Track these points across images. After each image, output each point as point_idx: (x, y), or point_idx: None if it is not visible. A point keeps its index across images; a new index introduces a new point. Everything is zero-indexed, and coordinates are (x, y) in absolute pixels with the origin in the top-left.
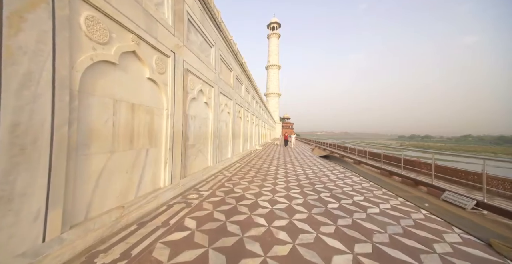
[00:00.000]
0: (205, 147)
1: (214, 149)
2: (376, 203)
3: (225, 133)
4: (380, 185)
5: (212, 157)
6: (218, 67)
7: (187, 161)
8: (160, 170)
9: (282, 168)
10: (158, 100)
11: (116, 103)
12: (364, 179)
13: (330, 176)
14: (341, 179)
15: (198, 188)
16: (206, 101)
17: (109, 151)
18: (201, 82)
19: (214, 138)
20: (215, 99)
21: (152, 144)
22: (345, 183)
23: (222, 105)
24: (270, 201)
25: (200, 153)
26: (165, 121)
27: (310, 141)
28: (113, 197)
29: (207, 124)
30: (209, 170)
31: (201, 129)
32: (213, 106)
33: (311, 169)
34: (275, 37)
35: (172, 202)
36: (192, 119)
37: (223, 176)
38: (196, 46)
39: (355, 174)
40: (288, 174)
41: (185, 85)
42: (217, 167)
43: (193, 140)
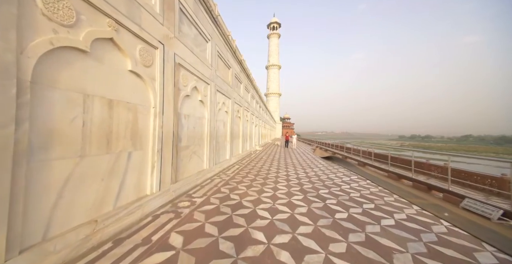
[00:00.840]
0: (201, 148)
1: (210, 150)
2: (390, 213)
3: (223, 134)
4: (390, 190)
5: (208, 159)
6: (215, 64)
7: (179, 164)
8: (146, 175)
9: (283, 170)
10: (144, 96)
11: (87, 98)
12: (371, 183)
13: (334, 180)
14: (346, 183)
15: (191, 194)
16: (201, 99)
17: (78, 156)
18: (195, 78)
19: (210, 139)
20: (211, 97)
21: (136, 146)
22: (351, 188)
23: (220, 104)
24: (270, 210)
25: (194, 155)
26: (152, 120)
27: (311, 141)
28: (83, 209)
29: (203, 124)
30: (204, 174)
31: (195, 130)
32: (210, 105)
33: (313, 172)
34: (275, 37)
35: (159, 212)
36: (185, 118)
37: (219, 180)
38: (190, 39)
39: (361, 177)
40: (289, 177)
41: (176, 81)
42: (214, 170)
43: (186, 141)
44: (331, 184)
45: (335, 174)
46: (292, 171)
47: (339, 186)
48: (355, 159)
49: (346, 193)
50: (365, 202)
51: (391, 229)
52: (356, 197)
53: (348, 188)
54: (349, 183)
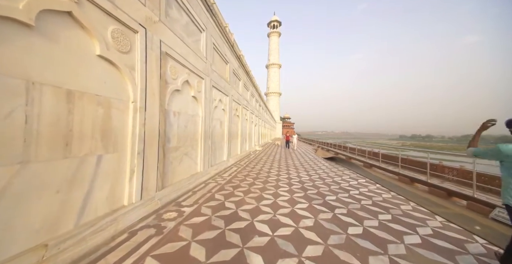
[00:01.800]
0: (194, 149)
1: (205, 151)
2: (411, 226)
3: (220, 133)
4: (404, 196)
5: (202, 161)
6: (211, 57)
7: (167, 168)
8: (123, 182)
9: (284, 172)
10: (120, 88)
11: (32, 87)
12: (382, 187)
13: (341, 184)
14: (354, 187)
15: (181, 202)
16: (194, 95)
17: (17, 162)
18: (187, 71)
19: (205, 138)
20: (206, 93)
21: (108, 148)
22: (361, 194)
23: (216, 101)
24: (271, 223)
25: (186, 157)
26: (131, 117)
27: (312, 141)
28: (28, 232)
29: (196, 122)
30: (198, 177)
31: (187, 128)
32: (204, 102)
33: (317, 174)
34: (275, 36)
35: (138, 226)
36: (175, 115)
37: (214, 184)
38: (180, 27)
39: (370, 181)
40: (291, 181)
41: (163, 72)
42: (209, 173)
43: (176, 141)
44: (337, 189)
45: (341, 177)
46: (294, 173)
47: (347, 192)
48: (361, 160)
49: (356, 200)
50: (380, 211)
51: (418, 250)
52: (368, 205)
53: (357, 193)
54: (357, 187)
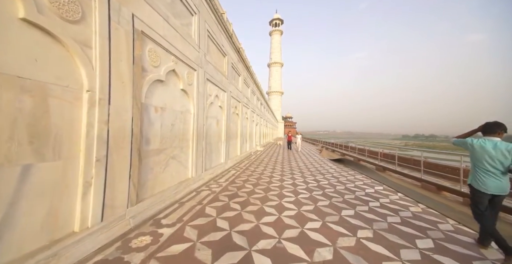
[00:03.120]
0: (183, 152)
1: (198, 154)
2: (466, 259)
3: (216, 133)
4: (437, 209)
5: (194, 165)
6: (204, 46)
7: (145, 175)
8: (72, 200)
9: (288, 177)
10: (65, 71)
11: None
12: (405, 197)
13: (356, 192)
14: (373, 197)
15: (161, 220)
16: (184, 88)
17: None
18: (173, 59)
19: (198, 139)
20: (199, 87)
21: (44, 154)
22: (383, 206)
23: (212, 96)
24: (275, 256)
25: (173, 161)
26: (85, 112)
27: (315, 141)
28: None
29: (187, 120)
30: (188, 184)
31: (175, 127)
32: (197, 97)
33: (326, 179)
34: (277, 34)
35: (91, 262)
36: (157, 111)
37: (207, 193)
38: (163, 3)
39: (389, 188)
40: (297, 188)
41: (138, 56)
42: (203, 178)
43: (159, 142)
44: (353, 200)
45: (354, 183)
46: (299, 178)
47: (365, 203)
48: (372, 162)
49: (381, 216)
50: (416, 235)
51: None
52: (397, 225)
53: (379, 206)
54: (376, 197)
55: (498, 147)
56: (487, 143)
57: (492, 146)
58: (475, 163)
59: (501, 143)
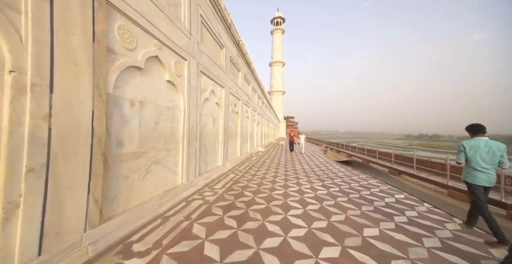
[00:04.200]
0: (171, 154)
1: (190, 156)
2: None
3: (213, 133)
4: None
5: (185, 169)
6: (197, 33)
7: (115, 186)
8: None
9: (293, 182)
10: None
11: None
12: (434, 208)
13: (374, 202)
14: (396, 209)
15: (132, 245)
16: (171, 79)
17: None
18: (155, 42)
19: (190, 139)
20: (191, 79)
21: None
22: (412, 223)
23: (207, 92)
24: None
25: (157, 166)
26: (6, 101)
27: (318, 141)
28: None
29: (176, 117)
30: (177, 193)
31: (159, 126)
32: (188, 91)
33: (335, 185)
34: (279, 33)
35: None
36: (133, 106)
37: (199, 203)
38: None
39: (411, 197)
40: (304, 196)
41: (99, 31)
42: (196, 184)
43: (137, 144)
44: (373, 213)
45: (369, 189)
46: (306, 184)
47: (389, 217)
48: (384, 165)
49: (413, 236)
50: None
51: None
52: (438, 250)
53: (406, 222)
54: (400, 209)
55: (489, 145)
56: (480, 142)
57: (484, 144)
58: (468, 162)
59: (490, 142)
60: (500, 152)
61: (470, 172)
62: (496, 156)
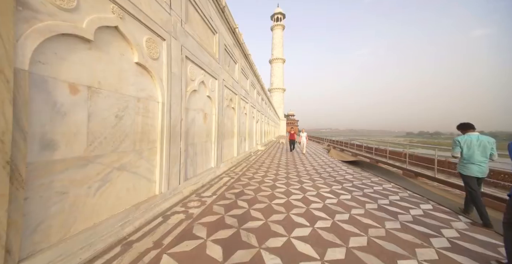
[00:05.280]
0: (145, 157)
1: (172, 159)
2: None
3: (203, 130)
4: None
5: (165, 175)
6: (180, 9)
7: (43, 208)
8: None
9: (296, 187)
10: None
11: None
12: (475, 225)
13: (398, 215)
14: (429, 226)
15: None
16: (141, 62)
17: None
18: (113, 8)
19: (172, 138)
20: (172, 65)
21: None
22: (455, 247)
23: (195, 82)
24: None
25: (122, 174)
26: None
27: (319, 139)
28: None
29: (151, 111)
30: (153, 205)
31: (124, 122)
32: (168, 78)
33: (346, 192)
34: (279, 29)
35: None
36: (76, 92)
37: (179, 219)
38: None
39: (443, 208)
40: (311, 207)
41: None
42: (181, 192)
43: (84, 146)
44: (401, 232)
45: (386, 197)
46: (311, 190)
47: (423, 238)
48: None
49: None
50: None
51: None
52: None
53: (448, 247)
54: (434, 226)
55: (480, 139)
56: (472, 137)
57: (476, 139)
58: (463, 156)
59: (481, 136)
60: (490, 146)
61: (464, 164)
62: (487, 149)
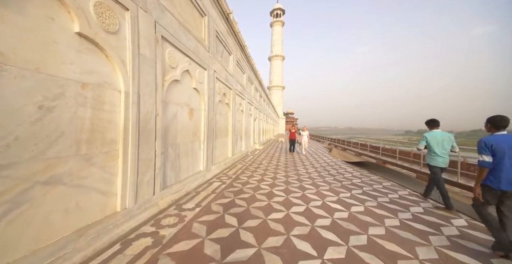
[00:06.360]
0: (97, 164)
1: (140, 164)
2: None
3: (190, 128)
4: None
5: (131, 185)
6: None
7: None
8: None
9: (298, 195)
10: None
11: None
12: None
13: (430, 236)
14: (472, 253)
15: None
16: (84, 32)
17: None
18: None
19: (142, 137)
20: (140, 43)
21: None
22: None
23: (177, 71)
24: None
25: (52, 191)
26: None
27: (319, 137)
28: None
29: (108, 102)
30: (107, 228)
31: (57, 115)
32: (134, 60)
33: (358, 201)
34: (278, 25)
35: None
36: None
37: (142, 247)
38: None
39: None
40: (316, 225)
41: None
42: (155, 205)
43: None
44: None
45: (407, 208)
46: (315, 199)
47: None
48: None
49: None
50: None
51: None
52: None
53: None
54: (484, 254)
55: (443, 136)
56: (436, 133)
57: (440, 135)
58: (430, 149)
59: (443, 133)
60: (451, 140)
61: (432, 156)
62: (449, 143)
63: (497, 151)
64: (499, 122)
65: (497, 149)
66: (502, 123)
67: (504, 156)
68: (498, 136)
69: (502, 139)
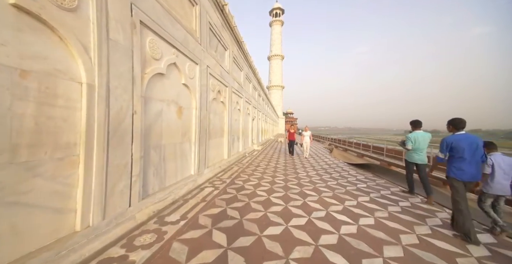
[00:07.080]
0: (47, 175)
1: (111, 172)
2: None
3: (178, 128)
4: None
5: (98, 198)
6: None
7: None
8: None
9: (297, 205)
10: None
11: None
12: None
13: (460, 260)
14: None
15: None
16: (21, 3)
17: None
18: None
19: (113, 139)
20: (109, 28)
21: None
22: None
23: (161, 62)
24: None
25: None
26: None
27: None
28: None
29: (62, 97)
30: (62, 253)
31: None
32: (101, 47)
33: (366, 212)
34: (278, 24)
35: None
36: None
37: None
38: None
39: None
40: (319, 244)
41: None
42: (132, 219)
43: None
44: None
45: (423, 220)
46: (318, 208)
47: None
48: None
49: None
50: None
51: None
52: None
53: None
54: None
55: (423, 136)
56: (418, 134)
57: (421, 135)
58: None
59: (424, 133)
60: (428, 139)
61: (411, 154)
62: (426, 142)
63: (457, 148)
64: (458, 124)
65: (457, 146)
66: (461, 124)
67: (464, 152)
68: (458, 136)
69: (462, 138)
